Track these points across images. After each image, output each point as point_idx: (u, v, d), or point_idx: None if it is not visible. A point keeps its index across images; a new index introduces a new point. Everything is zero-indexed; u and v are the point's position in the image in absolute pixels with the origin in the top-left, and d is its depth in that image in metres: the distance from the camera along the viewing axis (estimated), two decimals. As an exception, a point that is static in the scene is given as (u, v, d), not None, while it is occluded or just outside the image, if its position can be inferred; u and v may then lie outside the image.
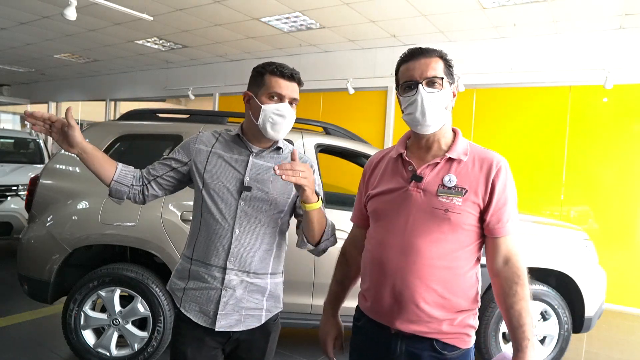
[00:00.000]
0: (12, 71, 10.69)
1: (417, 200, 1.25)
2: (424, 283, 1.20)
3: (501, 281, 1.25)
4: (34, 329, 3.43)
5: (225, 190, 1.44)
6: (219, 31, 6.33)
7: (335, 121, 3.94)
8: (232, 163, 1.47)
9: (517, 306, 1.21)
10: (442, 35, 5.74)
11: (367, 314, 1.34)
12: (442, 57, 1.28)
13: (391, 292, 1.24)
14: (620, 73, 4.93)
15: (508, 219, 1.23)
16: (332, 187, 4.68)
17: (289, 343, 3.42)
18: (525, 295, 1.22)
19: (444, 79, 1.25)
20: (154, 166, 1.54)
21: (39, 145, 6.66)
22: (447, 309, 1.22)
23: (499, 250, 1.24)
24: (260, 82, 1.44)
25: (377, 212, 1.34)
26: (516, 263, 1.23)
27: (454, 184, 1.23)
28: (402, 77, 1.30)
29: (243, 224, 1.43)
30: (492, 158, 1.27)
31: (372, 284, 1.31)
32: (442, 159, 1.27)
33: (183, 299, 1.47)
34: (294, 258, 2.97)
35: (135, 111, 3.26)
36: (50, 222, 2.87)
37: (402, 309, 1.23)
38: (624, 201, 5.01)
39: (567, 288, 3.06)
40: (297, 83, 1.46)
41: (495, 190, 1.22)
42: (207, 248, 1.44)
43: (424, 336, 1.23)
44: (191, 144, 1.52)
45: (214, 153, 1.49)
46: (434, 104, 1.24)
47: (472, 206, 1.22)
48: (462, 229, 1.22)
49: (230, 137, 1.52)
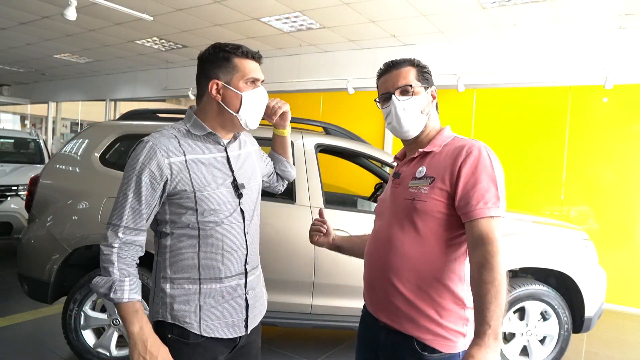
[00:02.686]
0: (12, 71, 10.69)
1: (395, 194, 1.34)
2: (397, 275, 1.25)
3: (472, 266, 1.15)
4: (34, 329, 3.43)
5: (223, 196, 1.29)
6: (219, 31, 6.33)
7: (335, 121, 3.94)
8: (214, 165, 1.30)
9: (481, 290, 1.09)
10: (442, 35, 5.74)
11: (366, 306, 1.42)
12: (413, 65, 1.35)
13: (376, 284, 1.32)
14: (620, 73, 4.92)
15: (478, 201, 1.16)
16: (332, 187, 4.68)
17: (289, 343, 3.42)
18: (492, 279, 1.09)
19: (414, 86, 1.32)
20: (135, 224, 1.22)
21: (39, 145, 6.66)
22: (424, 303, 1.21)
23: (470, 234, 1.17)
24: (229, 67, 1.28)
25: (375, 211, 1.46)
26: (487, 246, 1.12)
27: (423, 175, 1.27)
28: (379, 90, 1.40)
29: (248, 222, 1.36)
30: (465, 144, 1.24)
31: (365, 276, 1.40)
32: (418, 154, 1.33)
33: (202, 323, 1.27)
34: (294, 258, 2.97)
35: (135, 111, 3.26)
36: (50, 222, 2.87)
37: (381, 301, 1.30)
38: (624, 201, 5.01)
39: (567, 288, 3.05)
40: (260, 63, 1.37)
41: (461, 173, 1.18)
42: (223, 262, 1.30)
43: (405, 332, 1.24)
44: (160, 161, 1.21)
45: (191, 160, 1.26)
46: (408, 111, 1.32)
47: (440, 193, 1.21)
48: (432, 217, 1.21)
49: (190, 135, 1.31)
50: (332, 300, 2.82)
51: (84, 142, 3.08)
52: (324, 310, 2.83)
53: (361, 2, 4.86)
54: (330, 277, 2.80)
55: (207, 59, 1.31)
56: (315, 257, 2.79)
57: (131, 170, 1.22)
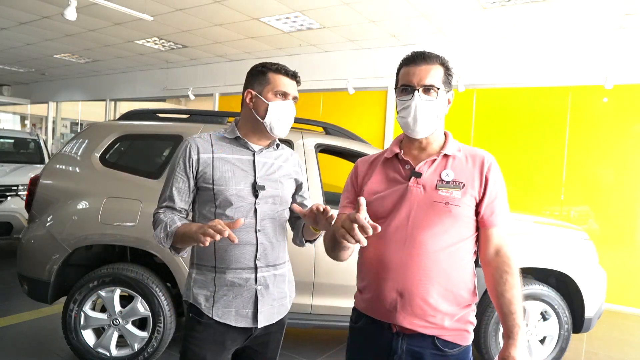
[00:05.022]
0: (12, 71, 10.69)
1: (417, 195, 1.28)
2: (428, 276, 1.23)
3: (492, 270, 1.29)
4: (34, 329, 3.43)
5: (241, 192, 1.44)
6: (219, 31, 6.33)
7: (335, 121, 3.94)
8: (239, 165, 1.47)
9: (507, 294, 1.26)
10: (442, 35, 5.74)
11: (366, 312, 1.34)
12: (443, 65, 1.30)
13: (394, 287, 1.25)
14: (620, 73, 4.93)
15: (499, 211, 1.29)
16: (332, 187, 4.68)
17: (289, 343, 3.42)
18: (516, 283, 1.27)
19: (440, 88, 1.28)
20: (174, 200, 1.47)
21: (39, 145, 6.66)
22: (451, 302, 1.25)
23: (491, 240, 1.29)
24: (264, 80, 1.48)
25: (376, 209, 1.32)
26: (507, 253, 1.28)
27: (451, 179, 1.28)
28: (401, 79, 1.32)
29: (263, 222, 1.47)
30: (483, 155, 1.33)
31: (372, 280, 1.31)
32: (439, 156, 1.32)
33: (214, 307, 1.44)
34: (293, 258, 2.98)
35: (135, 111, 3.26)
36: (50, 222, 2.87)
37: (406, 304, 1.23)
38: (624, 201, 5.01)
39: (567, 288, 3.06)
40: (297, 83, 1.53)
41: (488, 184, 1.28)
42: (233, 253, 1.44)
43: (425, 333, 1.24)
44: (193, 156, 1.46)
45: (217, 158, 1.47)
46: (427, 112, 1.28)
47: (470, 199, 1.27)
48: (462, 221, 1.26)
49: (224, 138, 1.52)
50: (332, 300, 2.82)
51: (84, 142, 3.08)
52: (324, 310, 2.84)
53: (361, 2, 4.86)
54: (330, 277, 2.81)
55: (249, 73, 1.53)
56: (315, 257, 2.79)
57: (172, 162, 1.52)
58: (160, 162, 3.11)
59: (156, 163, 3.11)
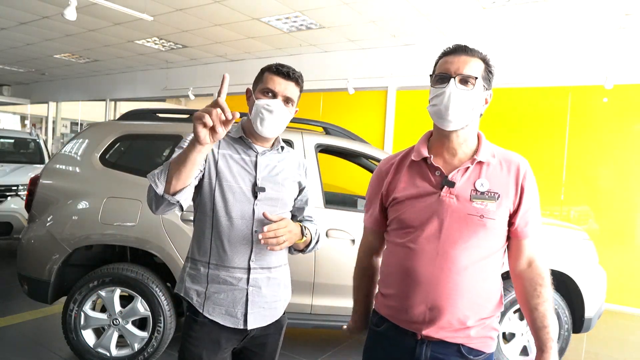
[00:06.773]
0: (12, 71, 10.69)
1: (450, 206, 1.21)
2: (458, 291, 1.18)
3: (524, 282, 1.26)
4: (34, 329, 3.42)
5: (240, 191, 1.44)
6: (219, 31, 6.33)
7: (335, 121, 3.94)
8: (241, 164, 1.47)
9: (541, 307, 1.23)
10: (442, 35, 5.74)
11: (391, 320, 1.29)
12: (484, 60, 1.27)
13: (422, 301, 1.20)
14: (620, 73, 4.93)
15: (534, 221, 1.24)
16: (332, 187, 4.68)
17: (289, 343, 3.42)
18: (549, 296, 1.24)
19: (478, 79, 1.23)
20: None
21: (39, 145, 6.66)
22: (479, 314, 1.21)
23: (523, 252, 1.26)
24: (259, 79, 1.48)
25: (405, 219, 1.26)
26: (539, 264, 1.25)
27: (486, 189, 1.21)
28: (438, 68, 1.28)
29: (257, 222, 1.45)
30: (518, 161, 1.27)
31: (399, 291, 1.26)
32: (472, 163, 1.24)
33: (205, 304, 1.44)
34: (293, 258, 2.97)
35: (135, 111, 3.26)
36: (50, 222, 2.86)
37: (435, 318, 1.19)
38: (624, 201, 5.01)
39: (567, 288, 3.05)
40: (295, 83, 1.46)
41: (524, 193, 1.23)
42: (227, 251, 1.43)
43: (450, 341, 1.21)
44: None
45: (221, 155, 1.46)
46: (461, 102, 1.21)
47: (504, 210, 1.21)
48: (495, 234, 1.22)
49: (229, 137, 1.50)
50: (332, 300, 2.82)
51: (84, 142, 3.08)
52: (324, 310, 2.84)
53: (361, 2, 4.86)
54: (330, 277, 2.80)
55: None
56: (315, 257, 2.79)
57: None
58: (160, 162, 3.11)
59: (156, 163, 3.11)
